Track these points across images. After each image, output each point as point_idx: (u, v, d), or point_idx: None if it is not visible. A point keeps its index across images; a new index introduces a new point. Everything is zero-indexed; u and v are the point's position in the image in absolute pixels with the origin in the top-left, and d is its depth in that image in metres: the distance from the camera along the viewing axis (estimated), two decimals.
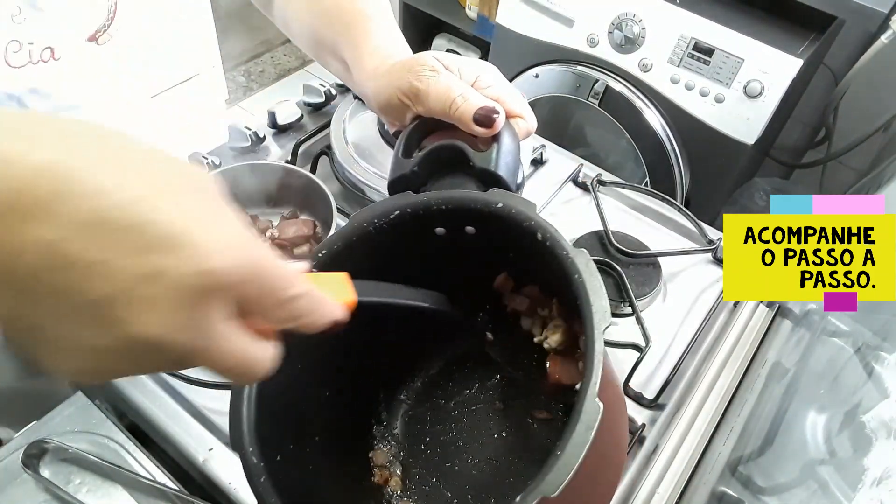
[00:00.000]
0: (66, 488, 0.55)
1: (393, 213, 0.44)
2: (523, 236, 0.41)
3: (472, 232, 0.45)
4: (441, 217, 0.45)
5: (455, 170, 0.45)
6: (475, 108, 0.43)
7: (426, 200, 0.44)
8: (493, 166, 0.43)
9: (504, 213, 0.42)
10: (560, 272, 0.38)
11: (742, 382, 0.69)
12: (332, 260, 0.43)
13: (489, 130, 0.44)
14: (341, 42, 0.54)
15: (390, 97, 0.47)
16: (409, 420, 0.56)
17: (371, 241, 0.44)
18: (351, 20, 0.54)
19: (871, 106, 1.40)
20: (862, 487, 0.44)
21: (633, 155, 1.38)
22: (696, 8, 1.23)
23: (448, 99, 0.44)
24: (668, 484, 0.60)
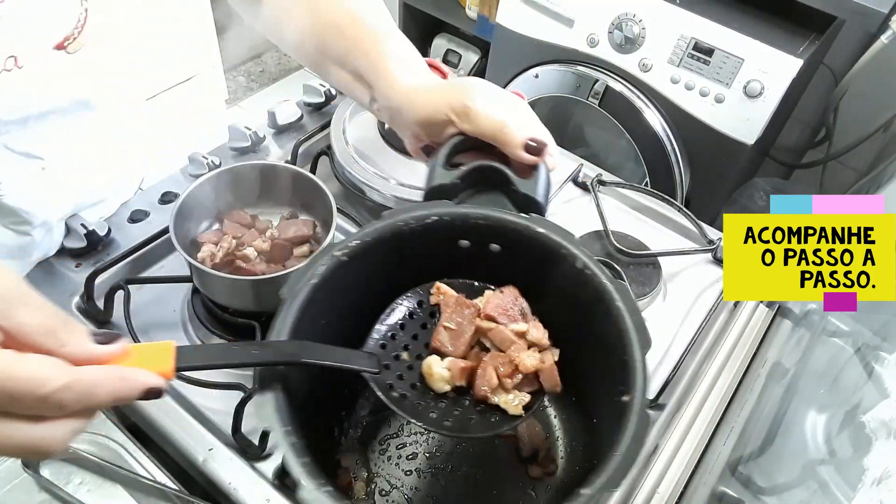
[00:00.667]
0: (66, 488, 0.55)
1: (431, 218, 0.46)
2: (559, 262, 0.45)
3: (496, 250, 0.48)
4: (474, 231, 0.47)
5: (490, 189, 0.48)
6: (527, 137, 0.46)
7: (466, 213, 0.47)
8: (535, 193, 0.47)
9: (543, 238, 0.46)
10: (596, 297, 0.43)
11: (742, 382, 0.69)
12: (361, 250, 0.45)
13: (536, 159, 0.47)
14: (353, 54, 0.55)
15: (436, 113, 0.49)
16: (369, 426, 0.57)
17: (402, 239, 0.46)
18: (362, 34, 0.55)
19: (871, 106, 1.40)
20: (862, 487, 0.44)
21: (633, 155, 1.38)
22: (696, 8, 1.23)
23: (499, 123, 0.47)
24: (668, 484, 0.60)
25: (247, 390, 0.59)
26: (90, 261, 0.71)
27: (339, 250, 0.44)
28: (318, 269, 0.44)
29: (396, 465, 0.56)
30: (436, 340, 0.46)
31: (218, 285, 0.63)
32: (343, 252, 0.44)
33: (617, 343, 0.42)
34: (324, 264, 0.44)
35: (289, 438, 0.38)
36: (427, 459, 0.56)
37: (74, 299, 0.68)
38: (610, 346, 0.43)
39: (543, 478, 0.55)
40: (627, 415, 0.39)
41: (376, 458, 0.56)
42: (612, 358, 0.43)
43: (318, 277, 0.43)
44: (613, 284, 0.43)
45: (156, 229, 0.73)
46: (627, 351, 0.41)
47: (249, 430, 0.59)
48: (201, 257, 0.64)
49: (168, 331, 0.67)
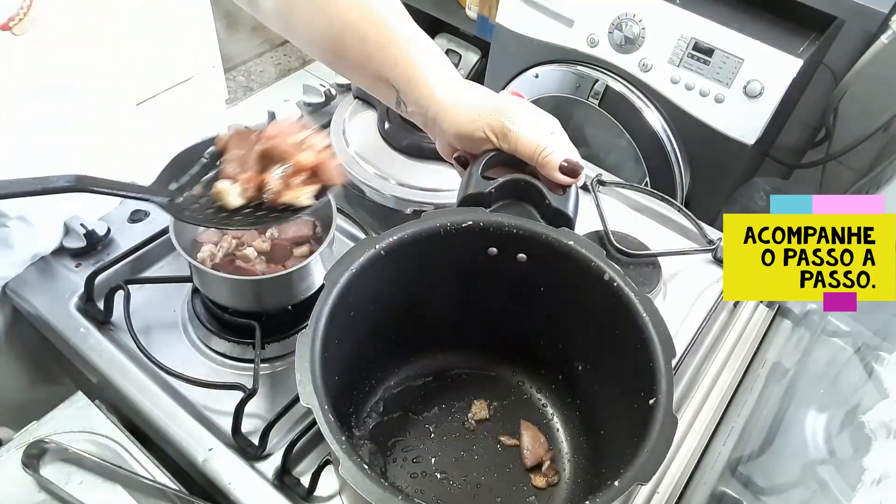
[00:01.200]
0: (65, 488, 0.55)
1: (466, 223, 0.50)
2: (586, 275, 0.48)
3: (522, 260, 0.51)
4: (505, 239, 0.51)
5: (522, 202, 0.51)
6: (562, 159, 0.49)
7: (500, 221, 0.50)
8: (566, 209, 0.50)
9: (573, 251, 0.49)
10: (623, 309, 0.46)
11: (742, 382, 0.69)
12: (398, 247, 0.49)
13: (570, 180, 0.50)
14: (380, 61, 0.55)
15: (475, 130, 0.51)
16: (376, 427, 0.58)
17: (437, 241, 0.50)
18: (389, 41, 0.54)
19: (871, 106, 1.40)
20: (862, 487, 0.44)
21: (633, 155, 1.38)
22: (696, 8, 1.23)
23: (538, 147, 0.50)
24: (668, 484, 0.60)
25: (247, 390, 0.59)
26: (90, 261, 0.71)
27: (379, 244, 0.48)
28: (357, 259, 0.47)
29: (402, 467, 0.56)
30: (224, 172, 0.50)
31: (218, 285, 0.63)
32: (382, 246, 0.48)
33: (642, 351, 0.45)
34: (363, 255, 0.47)
35: (327, 416, 0.39)
36: (433, 464, 0.56)
37: (74, 299, 0.68)
38: (633, 355, 0.46)
39: (547, 488, 0.56)
40: (655, 415, 0.41)
41: (382, 460, 0.57)
42: (634, 366, 0.45)
43: (357, 267, 0.47)
44: (639, 297, 0.46)
45: (156, 229, 0.73)
46: (653, 358, 0.44)
47: (249, 430, 0.59)
48: (201, 257, 0.64)
49: (168, 331, 0.68)
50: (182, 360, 0.64)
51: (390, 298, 0.52)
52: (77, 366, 0.66)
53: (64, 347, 0.66)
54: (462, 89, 0.54)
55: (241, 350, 0.66)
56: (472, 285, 0.55)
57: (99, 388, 0.64)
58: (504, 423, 0.59)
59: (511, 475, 0.56)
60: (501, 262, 0.52)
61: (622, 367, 0.48)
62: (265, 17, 0.62)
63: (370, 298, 0.49)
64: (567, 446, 0.58)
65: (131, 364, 0.63)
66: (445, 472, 0.56)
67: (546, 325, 0.56)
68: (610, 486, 0.38)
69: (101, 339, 0.65)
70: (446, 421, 0.59)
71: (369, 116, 0.83)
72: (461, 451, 0.57)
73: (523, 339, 0.58)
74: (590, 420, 0.56)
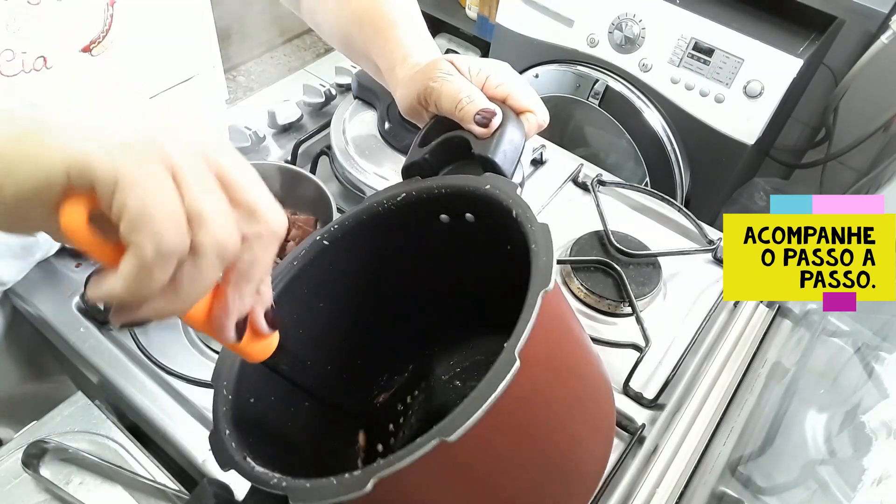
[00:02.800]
0: (66, 488, 0.55)
1: (400, 195, 0.46)
2: (505, 216, 0.41)
3: (471, 220, 0.46)
4: (443, 201, 0.46)
5: (463, 160, 0.47)
6: (476, 110, 0.45)
7: (429, 185, 0.46)
8: (489, 153, 0.45)
9: (491, 194, 0.43)
10: (522, 241, 0.39)
11: (742, 382, 0.69)
12: (343, 235, 0.46)
13: (485, 131, 0.45)
14: (372, 48, 0.55)
15: (412, 101, 0.49)
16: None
17: (380, 220, 0.46)
18: (379, 26, 0.54)
19: (871, 106, 1.40)
20: (862, 487, 0.44)
21: (633, 155, 1.38)
22: (696, 8, 1.23)
23: (455, 100, 0.46)
24: (668, 484, 0.60)
25: None
26: (90, 261, 0.71)
27: (321, 235, 0.46)
28: (300, 254, 0.45)
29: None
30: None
31: None
32: (324, 236, 0.46)
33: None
34: (306, 248, 0.45)
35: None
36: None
37: (74, 299, 0.68)
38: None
39: None
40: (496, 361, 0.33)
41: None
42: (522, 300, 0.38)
43: (301, 260, 0.45)
44: (534, 227, 0.39)
45: None
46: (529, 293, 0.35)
47: None
48: None
49: (168, 331, 0.67)
50: (182, 360, 0.64)
51: (356, 286, 0.49)
52: (77, 366, 0.66)
53: (64, 347, 0.66)
54: (415, 63, 0.51)
55: None
56: (436, 258, 0.50)
57: (99, 388, 0.64)
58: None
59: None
60: (456, 227, 0.47)
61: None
62: (304, 17, 0.64)
63: (328, 292, 0.47)
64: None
65: (131, 364, 0.63)
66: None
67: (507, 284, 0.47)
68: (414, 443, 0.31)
69: (101, 339, 0.65)
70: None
71: (369, 116, 0.83)
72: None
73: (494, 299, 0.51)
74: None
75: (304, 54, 2.53)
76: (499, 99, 0.47)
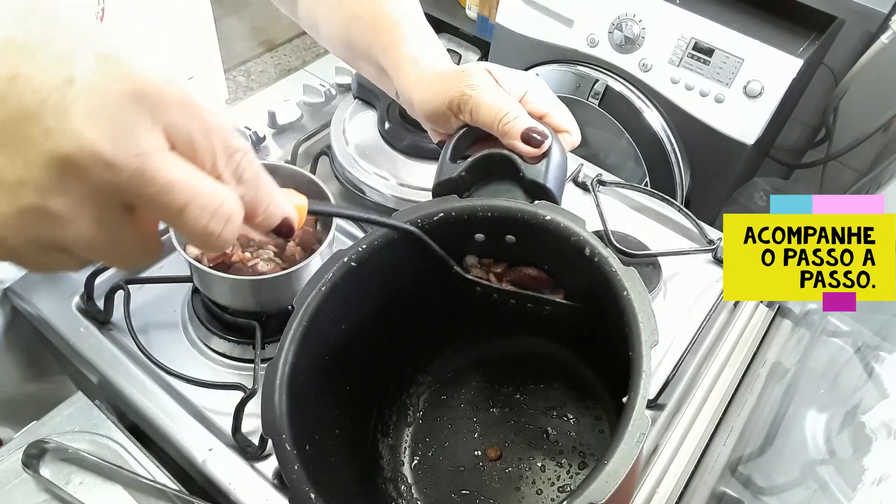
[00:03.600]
0: (66, 488, 0.55)
1: (437, 216, 0.45)
2: (569, 250, 0.42)
3: (511, 241, 0.46)
4: (485, 223, 0.45)
5: (501, 178, 0.46)
6: (524, 127, 0.44)
7: (472, 206, 0.45)
8: (542, 179, 0.44)
9: (552, 227, 0.43)
10: (606, 287, 0.40)
11: (742, 382, 0.69)
12: (370, 254, 0.44)
13: (535, 151, 0.44)
14: (375, 49, 0.53)
15: (438, 106, 0.47)
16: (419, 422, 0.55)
17: (412, 240, 0.45)
18: (384, 25, 0.53)
19: (871, 106, 1.40)
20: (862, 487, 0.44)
21: (633, 155, 1.38)
22: (696, 8, 1.23)
23: (498, 114, 0.44)
24: (668, 484, 0.60)
25: (247, 390, 0.59)
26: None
27: (348, 256, 0.43)
28: (328, 276, 0.43)
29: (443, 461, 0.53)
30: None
31: (218, 285, 0.63)
32: (353, 257, 0.43)
33: (626, 336, 0.39)
34: (334, 271, 0.43)
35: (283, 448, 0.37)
36: (476, 456, 0.53)
37: (74, 299, 0.68)
38: (619, 338, 0.40)
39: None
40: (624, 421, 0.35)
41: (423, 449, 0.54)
42: (619, 352, 0.39)
43: (329, 284, 0.43)
44: (622, 272, 0.40)
45: None
46: (633, 346, 0.38)
47: (249, 430, 0.59)
48: (197, 255, 0.64)
49: (168, 331, 0.68)
50: (182, 360, 0.64)
51: (378, 310, 0.48)
52: (77, 366, 0.66)
53: (64, 347, 0.66)
54: (433, 68, 0.49)
55: (241, 350, 0.66)
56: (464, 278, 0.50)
57: (99, 388, 0.64)
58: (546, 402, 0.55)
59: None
60: (493, 246, 0.47)
61: (610, 348, 0.43)
62: (300, 20, 0.63)
63: (357, 313, 0.46)
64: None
65: (131, 364, 0.63)
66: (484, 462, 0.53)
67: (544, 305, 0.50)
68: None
69: (101, 339, 0.65)
70: (472, 414, 0.55)
71: (369, 116, 0.83)
72: (506, 443, 0.53)
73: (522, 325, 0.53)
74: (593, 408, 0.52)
75: (304, 54, 2.53)
76: (537, 116, 0.46)
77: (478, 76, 0.46)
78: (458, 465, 0.53)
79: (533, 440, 0.53)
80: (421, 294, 0.49)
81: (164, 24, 0.66)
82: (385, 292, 0.47)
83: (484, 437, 0.54)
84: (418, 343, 0.54)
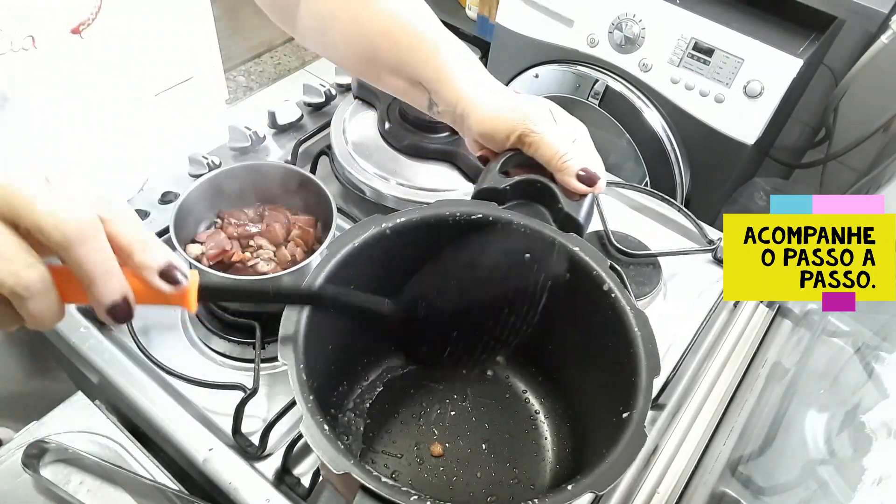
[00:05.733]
0: (66, 488, 0.55)
1: (476, 215, 0.50)
2: (586, 282, 0.49)
3: (527, 259, 0.51)
4: (515, 236, 0.50)
5: (535, 202, 0.52)
6: (580, 167, 0.50)
7: (509, 217, 0.50)
8: (578, 215, 0.50)
9: (577, 258, 0.49)
10: (616, 320, 0.47)
11: (742, 382, 0.69)
12: (403, 228, 0.49)
13: (587, 189, 0.50)
14: (413, 64, 0.56)
15: (498, 131, 0.52)
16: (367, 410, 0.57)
17: (443, 228, 0.50)
18: (419, 41, 0.56)
19: (871, 106, 1.40)
20: (862, 487, 0.44)
21: (633, 155, 1.38)
22: (696, 8, 1.23)
23: (557, 153, 0.50)
24: (668, 484, 0.60)
25: (247, 390, 0.59)
26: None
27: (386, 223, 0.48)
28: (361, 235, 0.47)
29: (383, 450, 0.55)
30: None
31: None
32: (389, 226, 0.48)
33: (627, 366, 0.45)
34: (368, 231, 0.47)
35: (300, 374, 0.40)
36: (414, 447, 0.56)
37: None
38: (619, 367, 0.46)
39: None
40: (625, 429, 0.41)
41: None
42: (618, 379, 0.45)
43: (360, 241, 0.47)
44: (633, 312, 0.47)
45: (156, 229, 0.73)
46: (637, 374, 0.44)
47: (249, 430, 0.59)
48: (197, 255, 0.64)
49: (168, 331, 0.68)
50: (182, 360, 0.64)
51: (387, 281, 0.51)
52: (77, 366, 0.66)
53: (64, 347, 0.66)
54: (490, 89, 0.55)
55: (241, 350, 0.66)
56: (473, 277, 0.54)
57: (99, 388, 0.64)
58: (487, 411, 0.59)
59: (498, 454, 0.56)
60: (506, 258, 0.52)
61: (606, 377, 0.49)
62: (302, 35, 0.64)
63: (368, 277, 0.49)
64: (552, 455, 0.57)
65: (131, 364, 0.63)
66: (424, 453, 0.56)
67: (539, 325, 0.55)
68: (562, 490, 0.38)
69: (101, 339, 0.65)
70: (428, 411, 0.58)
71: (369, 116, 0.83)
72: (449, 440, 0.56)
73: (515, 335, 0.56)
74: (579, 430, 0.56)
75: (304, 54, 2.53)
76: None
77: (541, 116, 0.52)
78: (399, 453, 0.56)
79: (474, 448, 0.57)
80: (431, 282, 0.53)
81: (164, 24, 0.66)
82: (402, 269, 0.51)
83: (430, 434, 0.57)
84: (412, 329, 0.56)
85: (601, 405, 0.49)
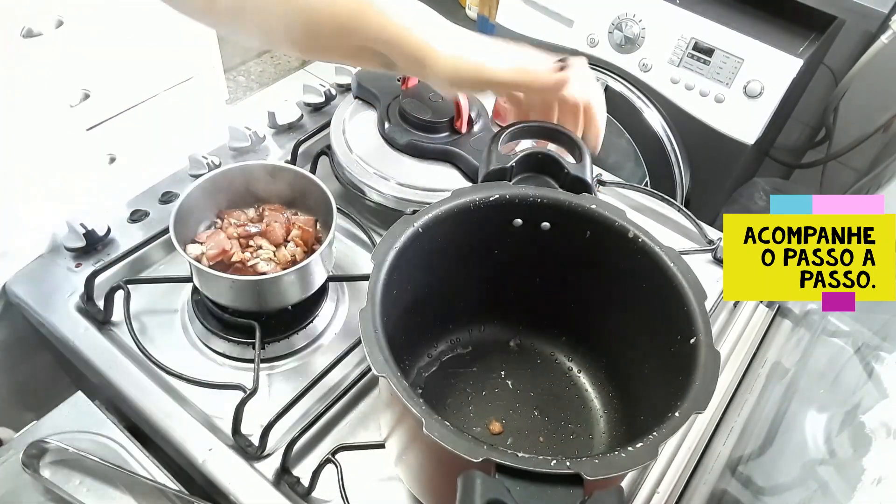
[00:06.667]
0: (66, 488, 0.55)
1: (494, 197, 0.53)
2: (612, 235, 0.51)
3: (546, 228, 0.54)
4: (531, 209, 0.53)
5: (541, 174, 0.55)
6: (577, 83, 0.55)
7: (525, 192, 0.53)
8: (585, 175, 0.53)
9: (596, 214, 0.52)
10: (649, 262, 0.50)
11: (742, 382, 0.69)
12: (433, 224, 0.51)
13: (561, 68, 0.53)
14: (362, 32, 0.53)
15: (528, 67, 0.54)
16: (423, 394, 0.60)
17: (467, 216, 0.52)
18: (365, 8, 0.53)
19: (871, 106, 1.40)
20: (862, 487, 0.44)
21: (633, 155, 1.38)
22: (696, 8, 1.23)
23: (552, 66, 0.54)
24: (668, 484, 0.60)
25: (247, 390, 0.59)
26: (90, 261, 0.71)
27: (416, 222, 0.50)
28: (400, 238, 0.49)
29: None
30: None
31: (218, 285, 0.63)
32: (420, 224, 0.50)
33: (674, 298, 0.47)
34: (405, 234, 0.49)
35: (401, 383, 0.40)
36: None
37: (74, 299, 0.68)
38: (665, 303, 0.48)
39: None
40: (698, 351, 0.43)
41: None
42: (668, 313, 0.48)
43: (401, 244, 0.49)
44: (664, 250, 0.49)
45: (156, 229, 0.73)
46: (687, 302, 0.46)
47: (249, 430, 0.59)
48: (197, 255, 0.64)
49: (168, 331, 0.68)
50: (182, 360, 0.64)
51: (427, 274, 0.54)
52: (77, 366, 0.66)
53: (64, 347, 0.66)
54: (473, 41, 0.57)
55: (241, 350, 0.66)
56: (502, 256, 0.57)
57: (99, 388, 0.64)
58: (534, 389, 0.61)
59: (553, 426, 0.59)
60: (526, 232, 0.54)
61: (654, 318, 0.50)
62: (217, 16, 0.57)
63: (410, 275, 0.51)
64: (598, 403, 0.60)
65: (131, 364, 0.63)
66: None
67: (572, 290, 0.58)
68: (671, 417, 0.39)
69: (101, 339, 0.65)
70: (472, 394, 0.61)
71: (369, 116, 0.83)
72: (502, 416, 0.60)
73: (551, 306, 0.60)
74: (618, 375, 0.58)
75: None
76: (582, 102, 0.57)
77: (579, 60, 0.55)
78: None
79: (528, 417, 0.60)
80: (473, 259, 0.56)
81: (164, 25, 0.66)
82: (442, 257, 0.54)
83: (483, 415, 0.60)
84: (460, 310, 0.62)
85: (645, 344, 0.51)
